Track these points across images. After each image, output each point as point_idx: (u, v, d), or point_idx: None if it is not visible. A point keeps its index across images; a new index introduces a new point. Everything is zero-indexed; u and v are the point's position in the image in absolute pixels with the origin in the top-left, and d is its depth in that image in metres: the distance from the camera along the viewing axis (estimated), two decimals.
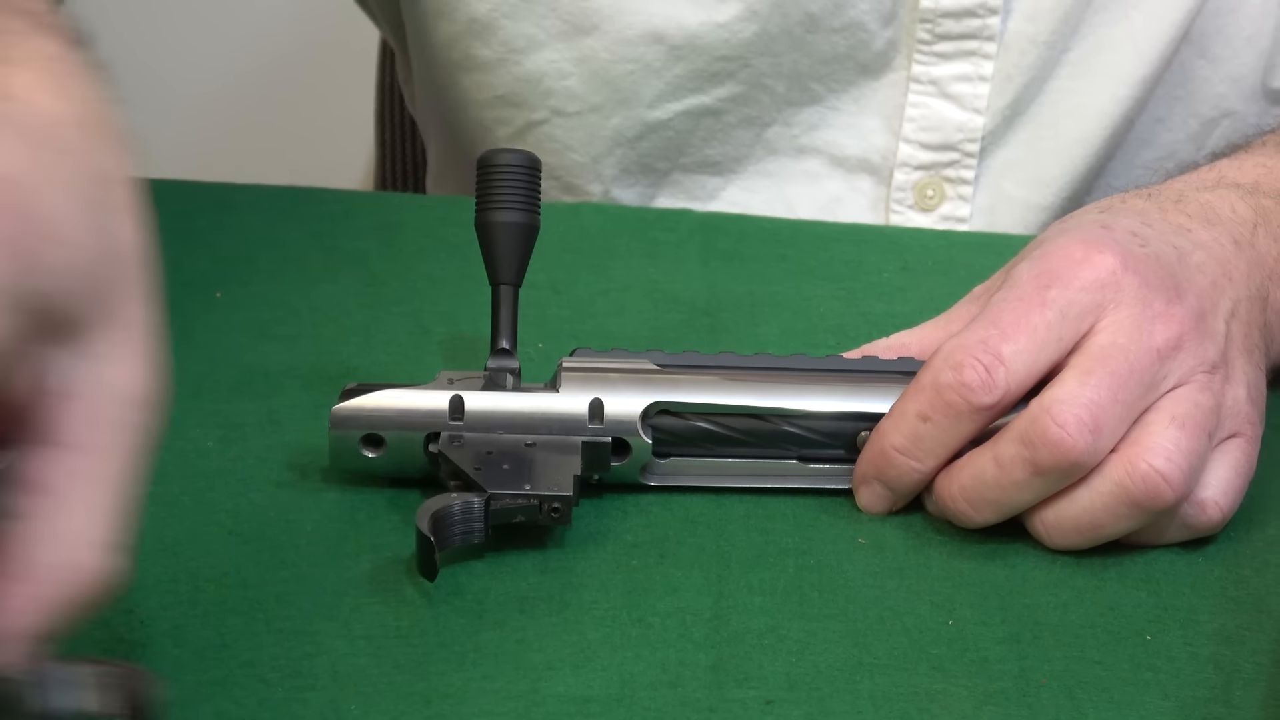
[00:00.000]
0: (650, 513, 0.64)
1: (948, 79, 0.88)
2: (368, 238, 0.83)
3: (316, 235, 0.83)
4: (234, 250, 0.81)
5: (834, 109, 0.89)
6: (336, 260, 0.81)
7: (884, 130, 0.90)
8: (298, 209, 0.87)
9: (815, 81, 0.88)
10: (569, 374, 0.64)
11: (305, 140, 1.57)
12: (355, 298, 0.78)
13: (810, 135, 0.90)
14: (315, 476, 0.65)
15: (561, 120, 0.89)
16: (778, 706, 0.54)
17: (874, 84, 0.88)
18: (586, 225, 0.86)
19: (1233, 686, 0.56)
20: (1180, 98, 0.90)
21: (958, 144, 0.89)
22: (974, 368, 0.61)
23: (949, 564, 0.62)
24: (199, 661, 0.55)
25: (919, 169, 0.89)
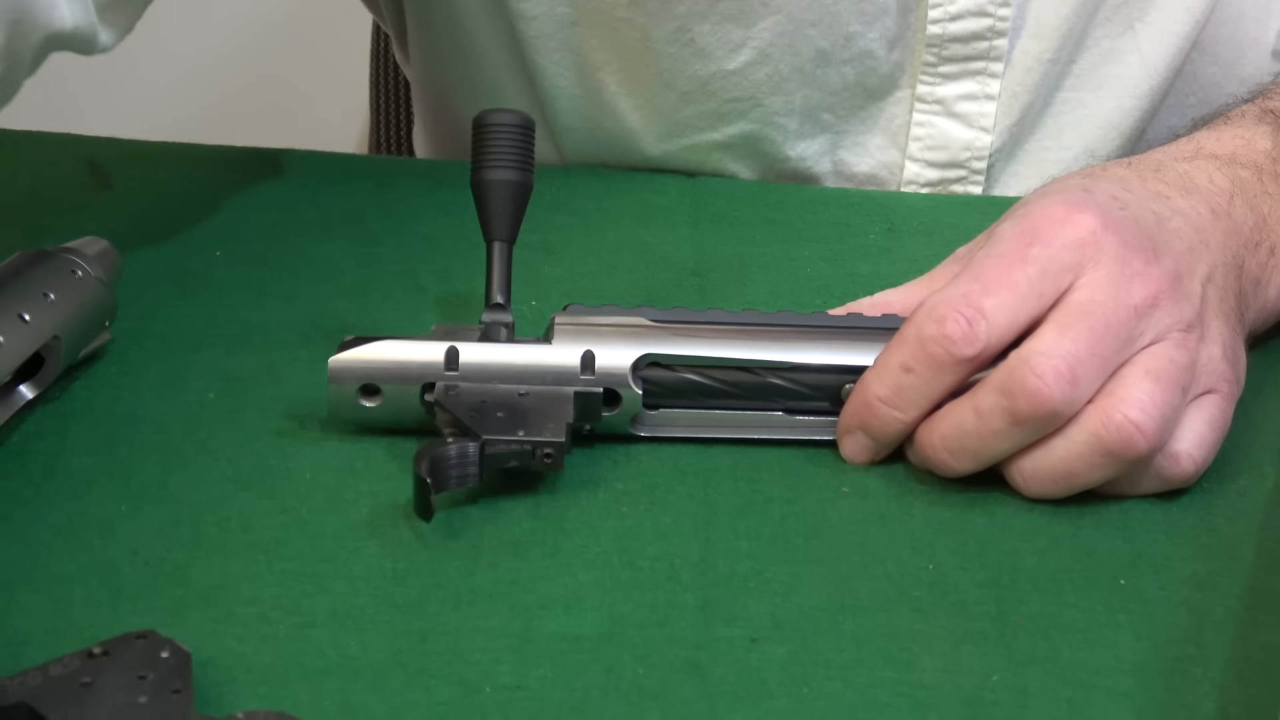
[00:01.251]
0: (640, 462, 0.65)
1: (953, 98, 0.89)
2: (363, 199, 0.85)
3: (313, 196, 0.85)
4: (233, 210, 0.83)
5: (842, 133, 0.90)
6: (333, 220, 0.83)
7: (890, 147, 0.90)
8: (295, 171, 0.88)
9: (826, 112, 0.89)
10: (562, 327, 0.66)
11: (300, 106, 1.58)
12: (351, 256, 0.80)
13: (820, 161, 0.91)
14: (314, 427, 0.66)
15: (570, 134, 0.91)
16: (762, 645, 0.56)
17: (880, 104, 0.89)
18: (579, 187, 0.87)
19: (1204, 629, 0.58)
20: (1192, 105, 0.90)
21: (964, 162, 0.90)
22: (956, 320, 0.63)
23: (930, 512, 0.64)
24: (202, 601, 0.57)
25: (925, 186, 0.91)
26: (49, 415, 0.66)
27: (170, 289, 0.75)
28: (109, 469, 0.63)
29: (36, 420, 0.66)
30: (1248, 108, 0.79)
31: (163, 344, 0.71)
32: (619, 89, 0.88)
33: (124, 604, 0.56)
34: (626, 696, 0.53)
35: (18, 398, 0.65)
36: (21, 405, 0.65)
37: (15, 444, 0.64)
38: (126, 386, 0.68)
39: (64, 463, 0.63)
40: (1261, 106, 0.79)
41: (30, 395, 0.66)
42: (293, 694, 0.53)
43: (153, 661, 0.52)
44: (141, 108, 1.48)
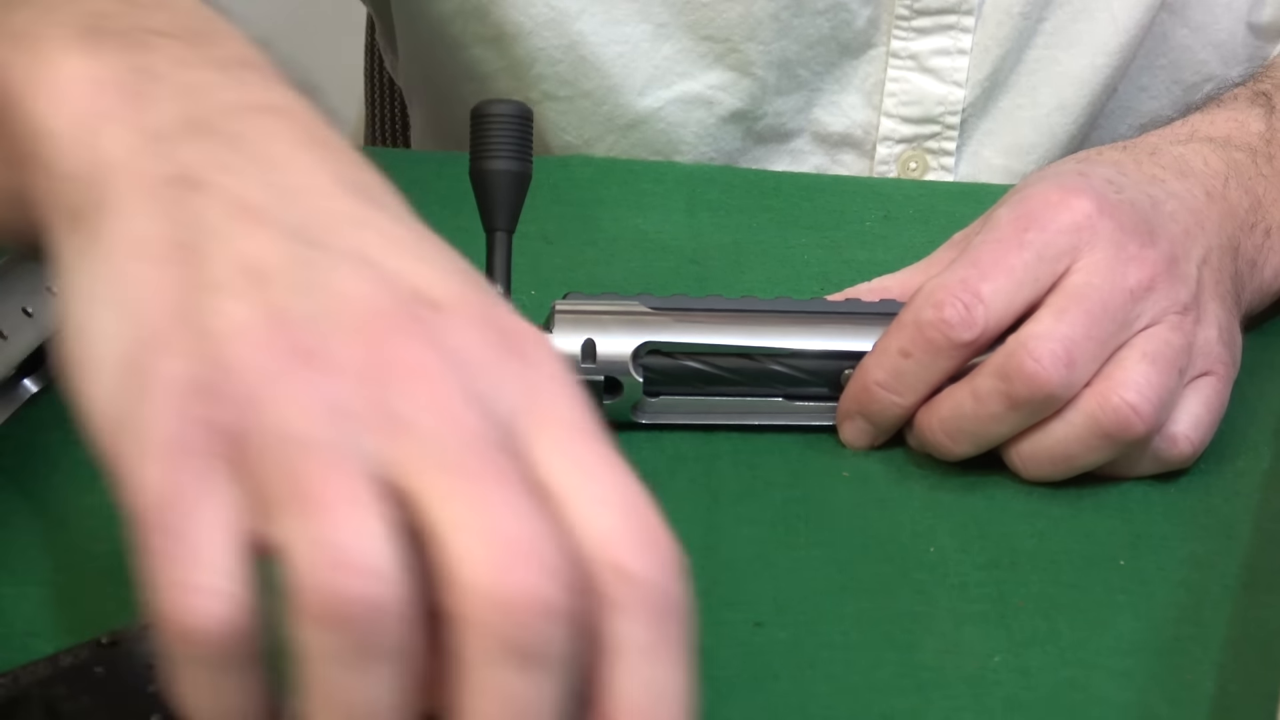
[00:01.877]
0: (641, 449, 0.66)
1: (926, 53, 0.89)
2: None
3: None
4: None
5: (818, 90, 0.90)
6: None
7: (865, 106, 0.91)
8: None
9: (801, 67, 0.89)
10: (562, 315, 0.66)
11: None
12: None
13: (795, 119, 0.91)
14: None
15: (554, 103, 0.91)
16: (766, 628, 0.57)
17: (854, 62, 0.90)
18: (575, 177, 0.87)
19: (1203, 608, 0.59)
20: (1163, 66, 0.91)
21: (938, 116, 0.91)
22: (954, 305, 0.63)
23: (930, 495, 0.64)
24: None
25: (901, 142, 0.91)
26: (53, 409, 0.66)
27: None
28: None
29: (41, 414, 0.66)
30: (1240, 90, 0.79)
31: None
32: (596, 34, 0.88)
33: (131, 595, 0.56)
34: None
35: (22, 391, 0.66)
36: (26, 399, 0.65)
37: (20, 437, 0.64)
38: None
39: (69, 455, 0.63)
40: (1253, 89, 0.79)
41: (35, 389, 0.66)
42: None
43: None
44: None
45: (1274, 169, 0.74)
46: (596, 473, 0.43)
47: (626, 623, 0.41)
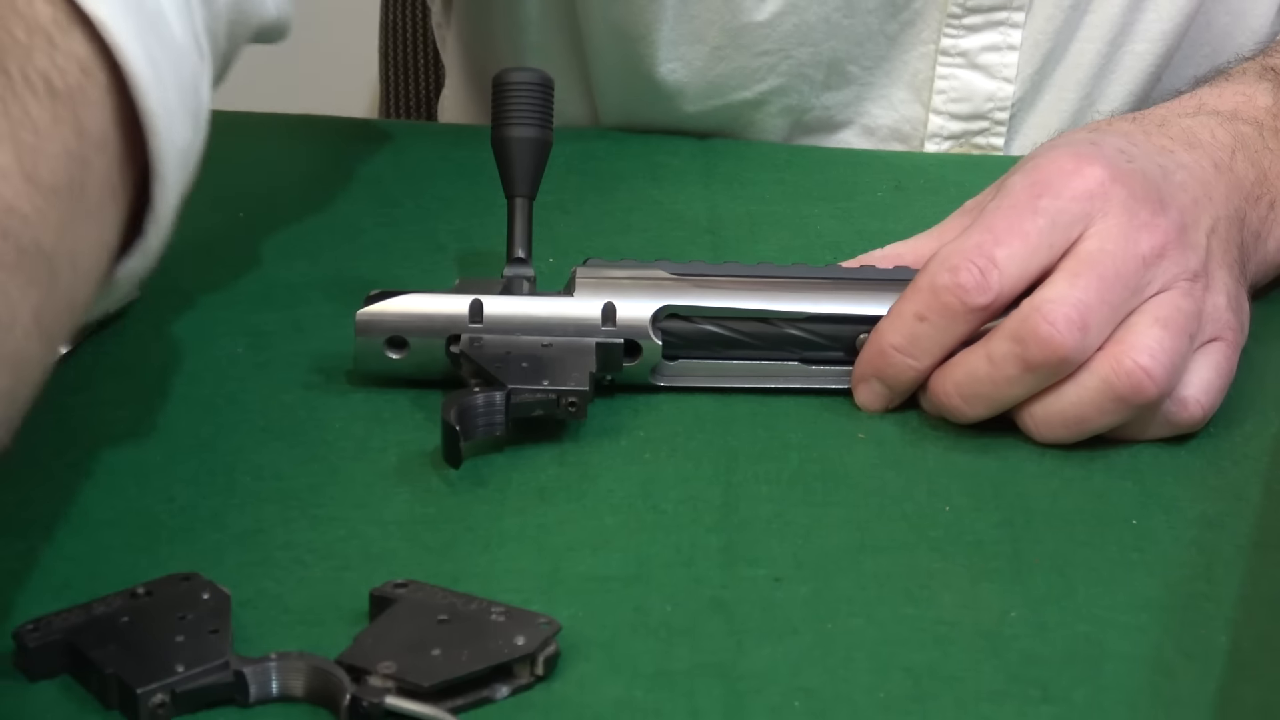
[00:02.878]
0: (661, 411, 0.66)
1: (976, 50, 0.89)
2: (381, 162, 0.85)
3: (333, 160, 0.85)
4: (256, 173, 0.83)
5: (867, 85, 0.90)
6: (352, 183, 0.83)
7: (913, 101, 0.91)
8: (314, 136, 0.89)
9: (851, 64, 0.89)
10: (583, 280, 0.66)
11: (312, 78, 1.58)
12: (371, 217, 0.80)
13: (845, 112, 0.91)
14: (341, 379, 0.66)
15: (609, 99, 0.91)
16: (786, 584, 0.56)
17: (904, 56, 0.89)
18: (593, 149, 0.88)
19: (1214, 567, 0.59)
20: (1206, 55, 0.91)
21: (988, 113, 0.90)
22: (969, 270, 0.63)
23: (944, 456, 0.64)
24: (239, 545, 0.57)
25: (949, 139, 0.91)
26: (81, 370, 0.66)
27: (196, 249, 0.75)
28: (143, 421, 0.63)
29: (69, 375, 0.66)
30: (1248, 65, 0.79)
31: (190, 302, 0.72)
32: (655, 52, 0.88)
33: (162, 549, 0.57)
34: (655, 633, 0.54)
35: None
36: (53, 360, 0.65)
37: (50, 397, 0.64)
38: (157, 342, 0.68)
39: (99, 415, 0.64)
40: (1262, 64, 0.79)
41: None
42: (329, 634, 0.53)
43: (194, 602, 0.52)
44: None
45: None
46: None
47: None
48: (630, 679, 0.52)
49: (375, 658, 0.50)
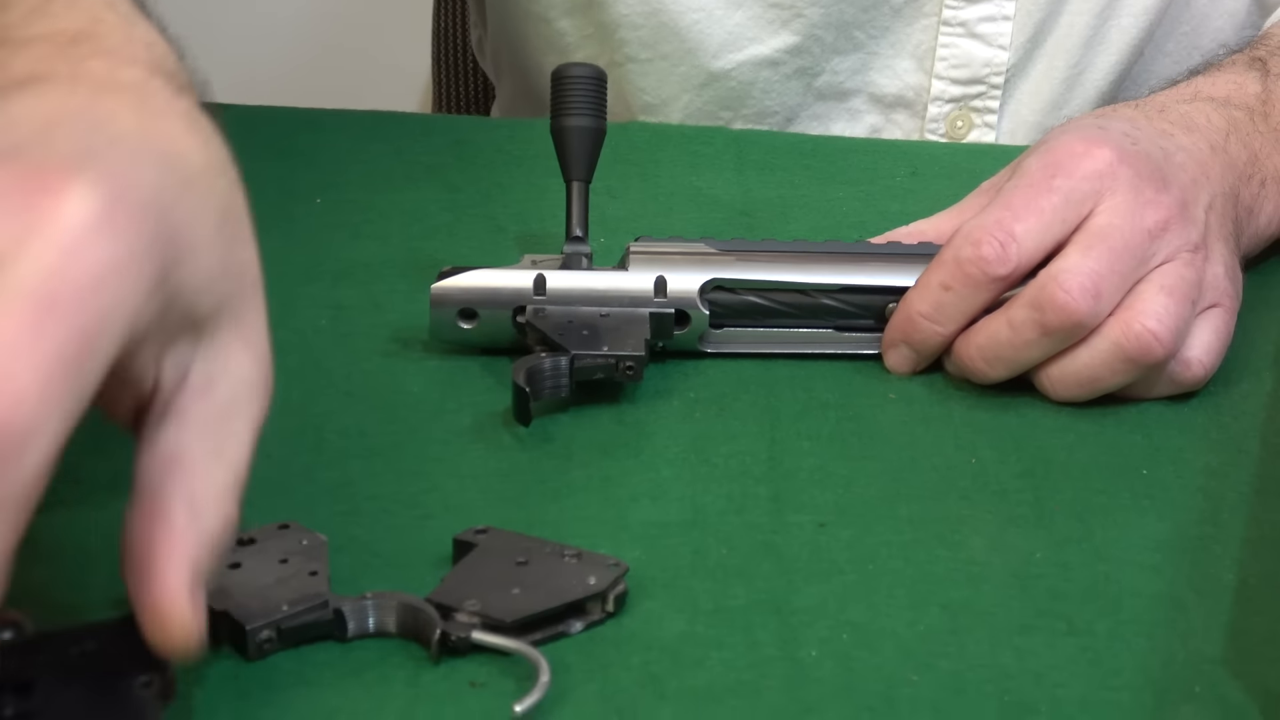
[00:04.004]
0: (708, 375, 0.65)
1: (974, 20, 0.89)
2: (443, 153, 0.85)
3: (398, 151, 0.85)
4: (328, 163, 0.83)
5: (873, 54, 0.90)
6: (417, 172, 0.82)
7: (917, 70, 0.90)
8: (381, 129, 0.88)
9: (858, 29, 0.89)
10: (636, 256, 0.66)
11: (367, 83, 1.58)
12: (436, 203, 0.79)
13: (853, 79, 0.90)
14: (416, 348, 0.66)
15: (635, 65, 0.90)
16: (830, 529, 0.56)
17: (908, 29, 0.89)
18: (635, 140, 0.87)
19: (1219, 511, 0.58)
20: (1184, 32, 0.91)
21: (984, 78, 0.90)
22: (990, 243, 0.63)
23: (969, 414, 0.64)
24: (329, 497, 0.57)
25: (950, 102, 0.90)
26: None
27: (279, 232, 0.75)
28: None
29: None
30: (1238, 56, 0.79)
31: (275, 279, 0.70)
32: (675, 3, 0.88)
33: (263, 501, 0.55)
34: (713, 574, 0.54)
35: None
36: None
37: None
38: None
39: None
40: (1249, 55, 0.78)
41: None
42: (417, 576, 0.52)
43: (293, 547, 0.52)
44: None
45: (1269, 126, 0.74)
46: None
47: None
48: (692, 615, 0.52)
49: (461, 596, 0.50)
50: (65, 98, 0.45)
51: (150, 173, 0.43)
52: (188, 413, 0.45)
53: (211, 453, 0.45)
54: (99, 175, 0.41)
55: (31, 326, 0.39)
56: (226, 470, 0.45)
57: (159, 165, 0.44)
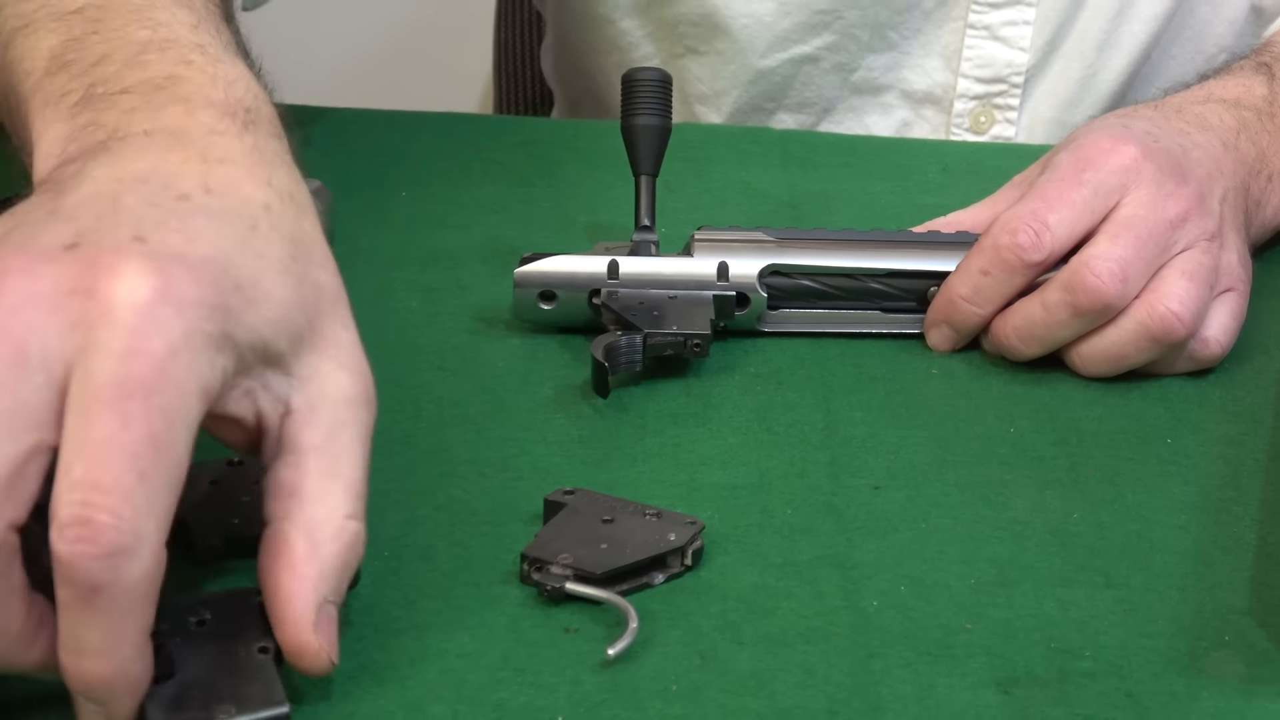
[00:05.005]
0: (766, 352, 0.65)
1: (998, 24, 0.88)
2: (515, 151, 0.85)
3: (474, 150, 0.85)
4: (411, 160, 0.83)
5: (905, 53, 0.90)
6: (492, 168, 0.82)
7: (944, 69, 0.90)
8: (456, 130, 0.88)
9: (891, 30, 0.88)
10: (700, 243, 0.66)
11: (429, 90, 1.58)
12: (510, 195, 0.79)
13: (886, 75, 0.90)
14: (500, 327, 0.66)
15: (694, 58, 0.90)
16: (884, 491, 0.56)
17: (937, 31, 0.89)
18: (688, 140, 0.86)
19: (1239, 476, 0.58)
20: (1188, 37, 0.90)
21: (1006, 77, 0.90)
22: (1026, 232, 0.63)
23: (1006, 388, 0.63)
24: (429, 461, 0.57)
25: (974, 99, 0.90)
26: None
27: (370, 222, 0.75)
28: None
29: None
30: (1245, 62, 0.78)
31: (369, 265, 0.71)
32: (729, 7, 0.88)
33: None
34: (779, 531, 0.53)
35: None
36: None
37: None
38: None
39: None
40: (1256, 60, 0.78)
41: None
42: (510, 533, 0.53)
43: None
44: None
45: (1275, 125, 0.73)
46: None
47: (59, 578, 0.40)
48: (762, 568, 0.51)
49: (554, 550, 0.50)
50: (133, 163, 0.45)
51: (207, 235, 0.43)
52: (296, 443, 0.44)
53: (326, 475, 0.44)
54: (150, 254, 0.41)
55: (118, 421, 0.39)
56: (344, 489, 0.44)
57: (217, 223, 0.43)
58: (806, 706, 0.45)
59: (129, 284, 0.40)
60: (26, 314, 0.40)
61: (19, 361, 0.39)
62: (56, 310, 0.40)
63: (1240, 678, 0.47)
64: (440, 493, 0.55)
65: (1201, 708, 0.46)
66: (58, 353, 0.40)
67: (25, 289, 0.40)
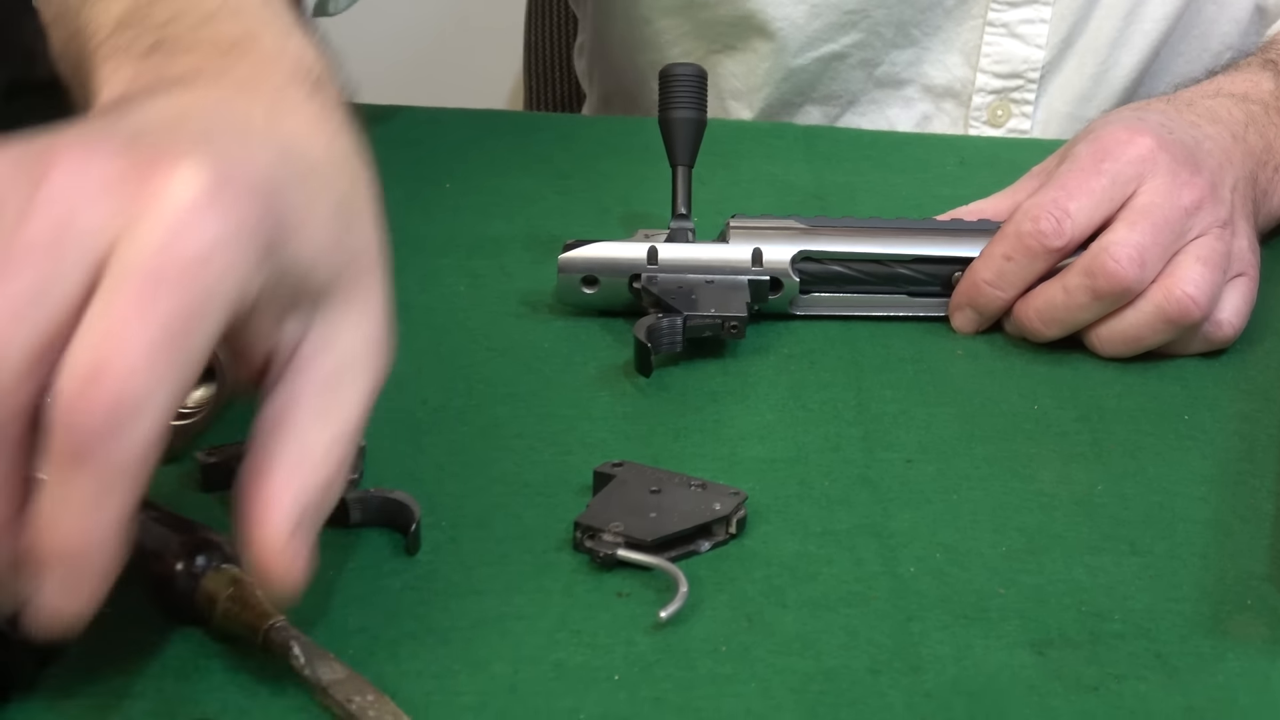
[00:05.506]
0: (799, 334, 0.65)
1: (1016, 22, 0.88)
2: (551, 145, 0.85)
3: (512, 144, 0.85)
4: (452, 154, 0.83)
5: (927, 49, 0.89)
6: (531, 161, 0.82)
7: (964, 65, 0.90)
8: (494, 124, 0.88)
9: (914, 27, 0.88)
10: (735, 230, 0.66)
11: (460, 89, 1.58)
12: (549, 187, 0.79)
13: (908, 71, 0.90)
14: (544, 310, 0.66)
15: (730, 54, 0.90)
16: (916, 464, 0.56)
17: (958, 28, 0.89)
18: (717, 135, 0.85)
19: (1254, 450, 0.58)
20: (1196, 36, 0.90)
21: (1022, 73, 0.90)
22: (1047, 219, 0.63)
23: (1028, 368, 0.63)
24: (482, 436, 0.57)
25: (992, 94, 0.90)
26: None
27: (417, 211, 0.75)
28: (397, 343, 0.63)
29: None
30: (1251, 59, 0.78)
31: (417, 252, 0.71)
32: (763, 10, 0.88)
33: (422, 439, 0.56)
34: (818, 502, 0.53)
35: None
36: None
37: None
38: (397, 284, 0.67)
39: None
40: (1263, 58, 0.78)
41: None
42: (562, 503, 0.53)
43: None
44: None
45: None
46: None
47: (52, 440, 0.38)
48: (803, 537, 0.51)
49: (606, 519, 0.50)
50: (203, 94, 0.44)
51: (265, 159, 0.42)
52: (299, 374, 0.43)
53: (318, 415, 0.43)
54: (210, 158, 0.40)
55: (139, 303, 0.37)
56: (332, 430, 0.43)
57: (276, 154, 0.43)
58: (850, 666, 0.45)
59: (183, 180, 0.39)
60: (72, 195, 0.38)
61: (56, 240, 0.38)
62: (105, 194, 0.38)
63: (1263, 639, 0.47)
64: (494, 466, 0.55)
65: (1227, 667, 0.46)
66: (99, 235, 0.38)
67: (76, 171, 0.39)
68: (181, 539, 0.46)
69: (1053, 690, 0.45)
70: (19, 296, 0.37)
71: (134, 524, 0.40)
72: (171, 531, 0.46)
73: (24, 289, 0.37)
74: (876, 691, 0.44)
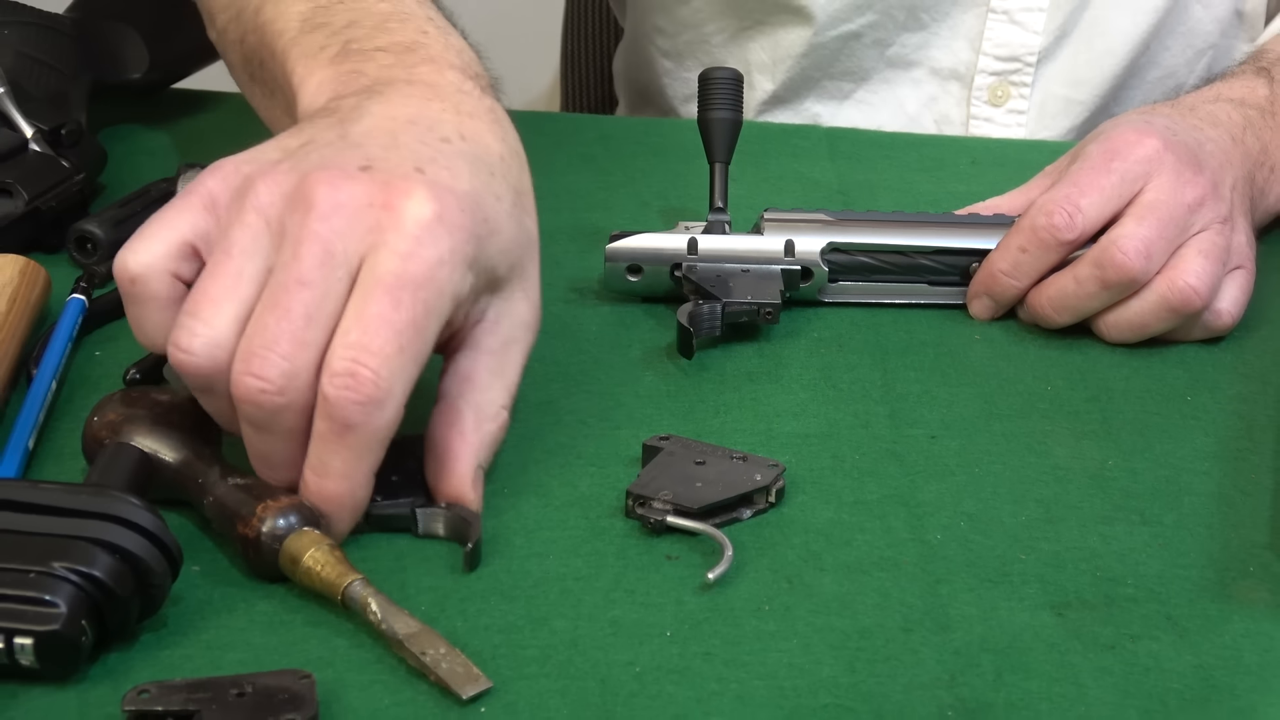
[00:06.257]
0: (827, 319, 0.65)
1: (1016, 10, 0.88)
2: (593, 145, 0.85)
3: (557, 143, 0.85)
4: None
5: (935, 34, 0.90)
6: (574, 160, 0.82)
7: (968, 49, 0.90)
8: (538, 125, 0.88)
9: (924, 12, 0.89)
10: (769, 223, 0.66)
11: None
12: (592, 183, 0.79)
13: (916, 53, 0.90)
14: (591, 296, 0.66)
15: (760, 28, 0.90)
16: (940, 440, 0.56)
17: (963, 15, 0.89)
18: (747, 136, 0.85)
19: (1254, 429, 0.58)
20: (1182, 32, 0.90)
21: (1021, 57, 0.89)
22: (1060, 214, 0.63)
23: (1041, 352, 0.63)
24: (538, 411, 0.57)
25: (992, 75, 0.90)
26: None
27: None
28: None
29: None
30: (1246, 65, 0.78)
31: None
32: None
33: None
34: (849, 474, 0.54)
35: None
36: None
37: None
38: None
39: None
40: (1256, 65, 0.77)
41: None
42: (612, 474, 0.53)
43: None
44: None
45: (1276, 123, 0.73)
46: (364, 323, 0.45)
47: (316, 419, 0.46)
48: (837, 506, 0.52)
49: (655, 489, 0.50)
50: (402, 106, 0.50)
51: (467, 170, 0.48)
52: (480, 344, 0.50)
53: (494, 372, 0.50)
54: (432, 182, 0.47)
55: (383, 313, 0.45)
56: (504, 387, 0.50)
57: (473, 162, 0.49)
58: (885, 625, 0.46)
59: (417, 204, 0.46)
60: (333, 221, 0.45)
61: (327, 261, 0.45)
62: (358, 217, 0.45)
63: (1266, 603, 0.47)
64: (550, 438, 0.55)
65: (1234, 629, 0.46)
66: (355, 251, 0.45)
67: (332, 199, 0.45)
68: (266, 504, 0.46)
69: (1072, 648, 0.45)
70: (300, 318, 0.45)
71: (226, 490, 0.45)
72: (257, 498, 0.46)
73: (302, 312, 0.45)
74: (909, 648, 0.45)
